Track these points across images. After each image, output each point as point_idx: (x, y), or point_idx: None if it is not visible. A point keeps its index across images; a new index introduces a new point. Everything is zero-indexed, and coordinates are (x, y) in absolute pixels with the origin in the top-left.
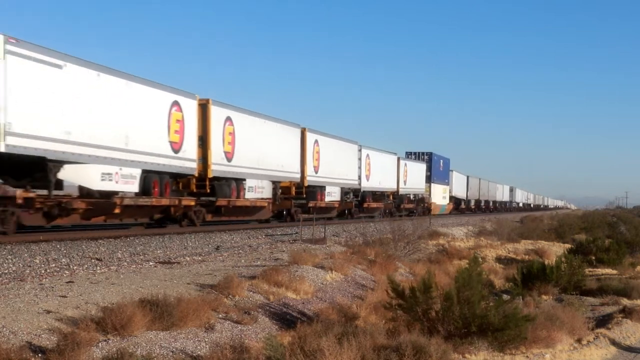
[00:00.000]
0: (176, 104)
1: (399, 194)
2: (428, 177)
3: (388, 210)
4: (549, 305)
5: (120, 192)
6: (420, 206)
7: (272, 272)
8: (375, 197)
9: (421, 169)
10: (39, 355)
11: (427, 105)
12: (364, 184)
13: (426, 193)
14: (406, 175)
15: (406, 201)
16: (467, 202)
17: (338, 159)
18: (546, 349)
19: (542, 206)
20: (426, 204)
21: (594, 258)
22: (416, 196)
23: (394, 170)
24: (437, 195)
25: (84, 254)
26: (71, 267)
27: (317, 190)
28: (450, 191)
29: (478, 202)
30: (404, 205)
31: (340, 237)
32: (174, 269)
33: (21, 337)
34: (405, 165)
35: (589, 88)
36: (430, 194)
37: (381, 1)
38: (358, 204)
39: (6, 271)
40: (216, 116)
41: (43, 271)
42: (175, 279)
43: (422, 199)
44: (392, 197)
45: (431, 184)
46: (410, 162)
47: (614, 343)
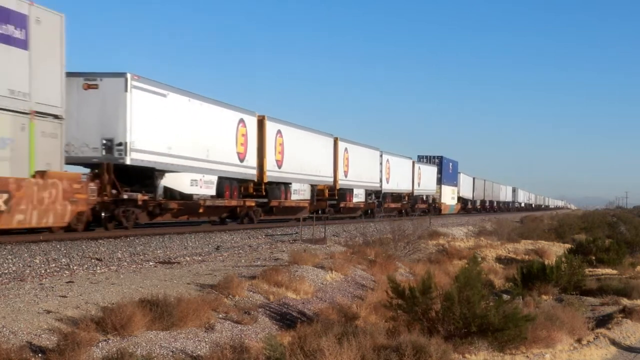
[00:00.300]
0: (242, 120)
1: (413, 194)
2: (439, 179)
3: (404, 210)
4: (549, 305)
5: (203, 195)
6: (431, 206)
7: (272, 272)
8: (394, 198)
9: (432, 172)
10: (39, 355)
11: (427, 105)
12: (384, 186)
13: (437, 194)
14: (420, 178)
15: (420, 201)
16: (474, 202)
17: (363, 164)
18: (546, 349)
19: (543, 206)
20: (437, 204)
21: (594, 258)
22: (428, 197)
23: (409, 173)
24: (447, 196)
25: (84, 254)
26: (71, 267)
27: (346, 193)
28: (458, 192)
29: (483, 203)
30: (418, 205)
31: (340, 237)
32: (174, 269)
33: (21, 337)
34: (419, 169)
35: (589, 88)
36: (441, 195)
37: (381, 1)
38: (379, 204)
39: (6, 271)
40: (270, 130)
41: (43, 271)
42: (175, 279)
43: (434, 200)
44: (408, 197)
45: (441, 185)
46: (423, 165)
47: (614, 343)
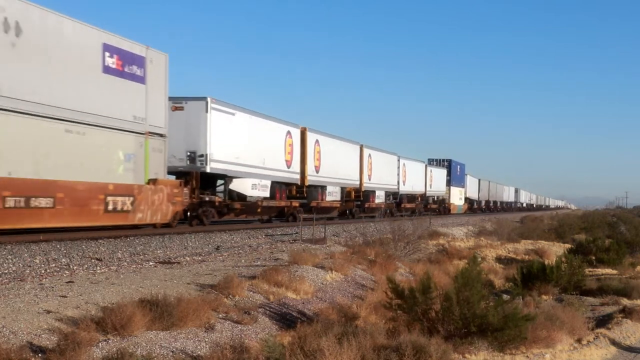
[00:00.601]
0: (289, 132)
1: (426, 195)
2: (448, 181)
3: (417, 210)
4: (549, 305)
5: (260, 197)
6: (441, 206)
7: (272, 272)
8: (409, 199)
9: (442, 174)
10: (39, 355)
11: (427, 106)
12: (401, 188)
13: (446, 195)
14: (431, 180)
15: (431, 202)
16: (479, 202)
17: (384, 168)
18: (546, 349)
19: (543, 206)
20: (446, 204)
21: (594, 258)
22: (439, 198)
23: (422, 176)
24: (455, 197)
25: (84, 254)
26: (71, 267)
27: (370, 194)
28: (465, 193)
29: (488, 203)
30: (429, 206)
31: (340, 237)
32: (174, 269)
33: (21, 337)
34: (431, 172)
35: (589, 88)
36: (450, 196)
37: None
38: (397, 204)
39: (6, 271)
40: (310, 140)
41: (43, 271)
42: (175, 279)
43: (443, 200)
44: (421, 198)
45: (450, 187)
46: (434, 168)
47: (614, 343)
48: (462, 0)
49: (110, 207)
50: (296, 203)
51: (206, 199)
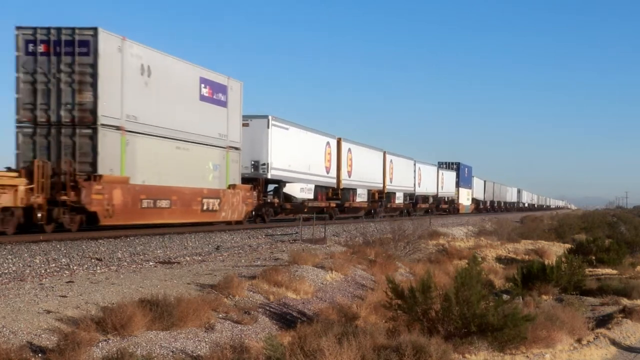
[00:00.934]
0: (327, 143)
1: (437, 196)
2: (456, 183)
3: (430, 210)
4: (549, 305)
5: (307, 199)
6: (451, 206)
7: (272, 272)
8: (423, 200)
9: (452, 176)
10: (39, 355)
11: (427, 106)
12: (417, 190)
13: (455, 196)
14: (442, 182)
15: (442, 202)
16: (485, 203)
17: (403, 172)
18: (546, 349)
19: (544, 206)
20: (455, 204)
21: (594, 258)
22: (448, 198)
23: (434, 178)
24: (463, 197)
25: (84, 254)
26: (71, 267)
27: (391, 195)
28: (472, 194)
29: (492, 203)
30: (441, 206)
31: (340, 237)
32: (174, 269)
33: (21, 337)
34: (442, 174)
35: (589, 88)
36: (458, 197)
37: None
38: (413, 205)
39: (6, 271)
40: (344, 148)
41: (43, 271)
42: (175, 279)
43: (452, 201)
44: (433, 199)
45: (459, 188)
46: (445, 171)
47: (614, 343)
48: (462, 0)
49: (205, 207)
50: (333, 204)
51: (268, 200)
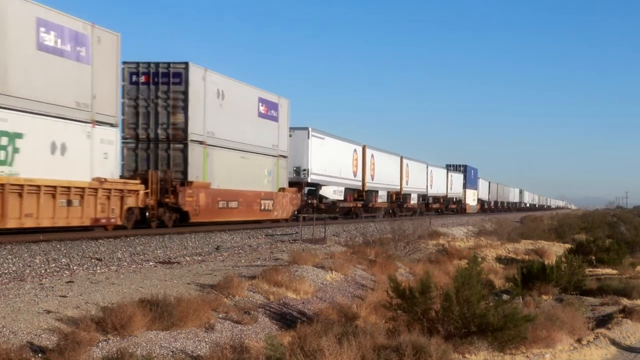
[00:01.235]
0: (355, 150)
1: (447, 197)
2: (464, 184)
3: (441, 210)
4: (549, 305)
5: (338, 200)
6: (459, 206)
7: (272, 272)
8: (434, 200)
9: (459, 178)
10: (39, 355)
11: (427, 106)
12: (429, 191)
13: (462, 196)
14: (451, 184)
15: (451, 203)
16: (489, 203)
17: (417, 175)
18: (546, 349)
19: (545, 206)
20: (463, 204)
21: (594, 258)
22: (456, 199)
23: (444, 180)
24: (470, 198)
25: (84, 254)
26: (71, 267)
27: (407, 196)
28: (477, 194)
29: (496, 203)
30: (450, 206)
31: (340, 237)
32: (174, 269)
33: (21, 337)
34: (451, 176)
35: (589, 88)
36: (465, 197)
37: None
38: (425, 205)
39: (6, 271)
40: (368, 154)
41: (43, 271)
42: (175, 279)
43: (460, 201)
44: (443, 199)
45: (466, 189)
46: (453, 173)
47: (614, 343)
48: (462, 0)
49: (262, 207)
50: (359, 204)
51: (309, 201)
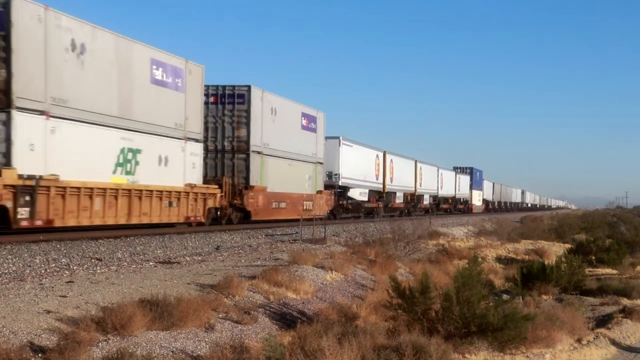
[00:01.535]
0: (377, 155)
1: (455, 198)
2: (470, 185)
3: (450, 209)
4: (549, 305)
5: (363, 201)
6: (466, 206)
7: (272, 272)
8: (444, 201)
9: (466, 180)
10: (39, 355)
11: (426, 106)
12: (439, 192)
13: (469, 197)
14: (459, 185)
15: (459, 203)
16: (493, 203)
17: (428, 177)
18: (546, 348)
19: (546, 206)
20: (469, 205)
21: (594, 258)
22: (463, 199)
23: (453, 182)
24: (475, 198)
25: (84, 254)
26: (71, 267)
27: (420, 197)
28: (482, 195)
29: (499, 203)
30: (458, 206)
31: (340, 237)
32: (174, 269)
33: (21, 337)
34: (459, 178)
35: (589, 88)
36: (471, 198)
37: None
38: (436, 205)
39: (6, 271)
40: (388, 159)
41: (43, 271)
42: (175, 278)
43: (467, 201)
44: (452, 200)
45: (472, 190)
46: (461, 175)
47: (614, 343)
48: (462, 0)
49: (304, 207)
50: (380, 204)
51: (340, 202)
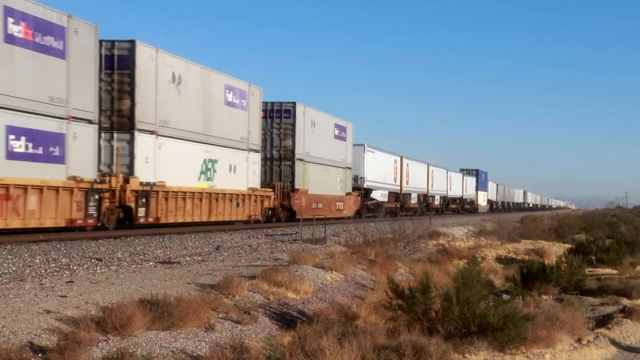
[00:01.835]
0: (395, 160)
1: (462, 198)
2: (476, 187)
3: (457, 209)
4: (549, 305)
5: (384, 202)
6: (472, 206)
7: (272, 272)
8: (452, 201)
9: (473, 181)
10: (39, 355)
11: (426, 106)
12: (448, 193)
13: (475, 197)
14: (466, 186)
15: (465, 203)
16: (497, 203)
17: (439, 179)
18: (546, 348)
19: (547, 206)
20: (475, 205)
21: (594, 258)
22: (469, 200)
23: (460, 183)
24: (481, 199)
25: (84, 254)
26: (71, 267)
27: (431, 198)
28: (487, 196)
29: (503, 204)
30: (465, 206)
31: (340, 237)
32: (174, 269)
33: (21, 337)
34: (466, 180)
35: (589, 88)
36: (477, 198)
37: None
38: (446, 205)
39: (6, 271)
40: (404, 163)
41: (43, 271)
42: (175, 278)
43: (473, 202)
44: (459, 200)
45: (478, 191)
46: (468, 177)
47: (614, 343)
48: (462, 0)
49: (336, 207)
50: (398, 205)
51: (365, 203)
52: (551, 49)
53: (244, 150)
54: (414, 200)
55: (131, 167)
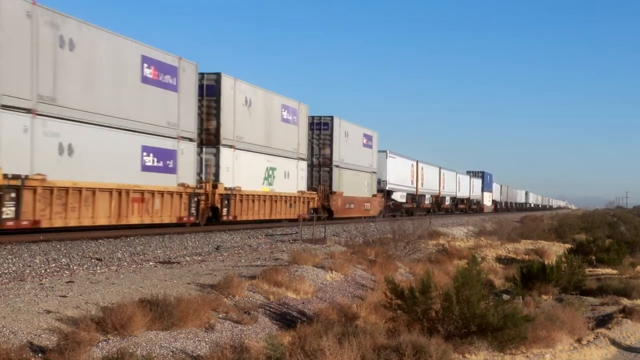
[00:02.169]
0: (412, 164)
1: (469, 199)
2: (482, 188)
3: (465, 209)
4: (549, 305)
5: (403, 202)
6: (478, 206)
7: (272, 272)
8: (460, 202)
9: (478, 183)
10: (39, 355)
11: (426, 106)
12: (457, 194)
13: (480, 198)
14: (473, 187)
15: (472, 204)
16: (500, 203)
17: (449, 181)
18: (546, 348)
19: (547, 206)
20: (481, 205)
21: (594, 258)
22: (476, 200)
23: (468, 185)
24: (486, 200)
25: (84, 254)
26: (71, 267)
27: (443, 199)
28: (492, 196)
29: (506, 204)
30: (472, 206)
31: (340, 237)
32: (174, 269)
33: (21, 337)
34: (473, 181)
35: (589, 88)
36: (483, 199)
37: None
38: (455, 206)
39: (6, 271)
40: (419, 167)
41: (43, 271)
42: (175, 278)
43: (479, 202)
44: (467, 201)
45: (483, 192)
46: (474, 179)
47: (614, 343)
48: (462, 0)
49: (364, 208)
50: (414, 205)
51: (388, 203)
52: (551, 49)
53: (295, 159)
54: (427, 201)
55: (217, 175)
